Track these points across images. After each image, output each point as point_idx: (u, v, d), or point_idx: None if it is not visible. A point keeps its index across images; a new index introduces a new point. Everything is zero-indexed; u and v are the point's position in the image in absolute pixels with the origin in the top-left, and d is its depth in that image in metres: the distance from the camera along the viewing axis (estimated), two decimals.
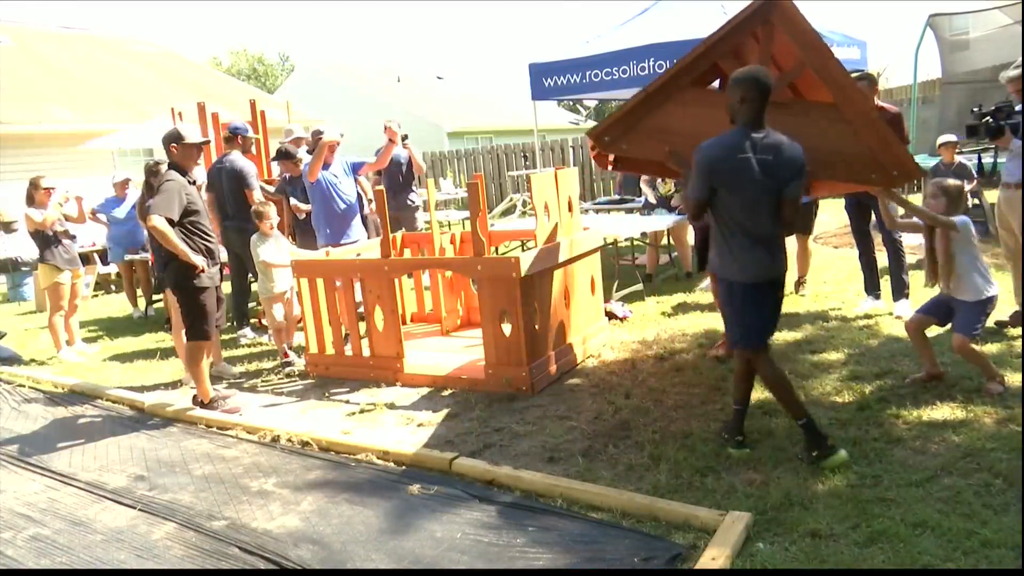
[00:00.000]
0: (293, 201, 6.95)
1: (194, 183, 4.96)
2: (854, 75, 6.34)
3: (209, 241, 5.00)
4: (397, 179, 8.53)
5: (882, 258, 5.89)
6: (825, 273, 7.29)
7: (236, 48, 51.90)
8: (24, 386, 6.25)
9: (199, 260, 4.83)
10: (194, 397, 5.09)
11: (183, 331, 5.17)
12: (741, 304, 3.59)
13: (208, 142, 5.56)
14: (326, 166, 6.63)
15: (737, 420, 3.73)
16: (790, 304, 6.30)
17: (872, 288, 5.95)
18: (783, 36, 3.74)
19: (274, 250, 5.93)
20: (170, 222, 4.70)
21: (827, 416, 3.94)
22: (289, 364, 5.94)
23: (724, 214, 3.51)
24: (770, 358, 3.63)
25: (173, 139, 4.89)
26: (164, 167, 6.45)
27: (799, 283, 6.69)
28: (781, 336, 5.41)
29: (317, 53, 51.66)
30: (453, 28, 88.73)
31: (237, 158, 6.74)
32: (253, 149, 7.44)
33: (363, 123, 25.22)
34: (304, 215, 6.90)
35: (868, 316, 5.73)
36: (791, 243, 6.66)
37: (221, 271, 5.32)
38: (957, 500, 3.01)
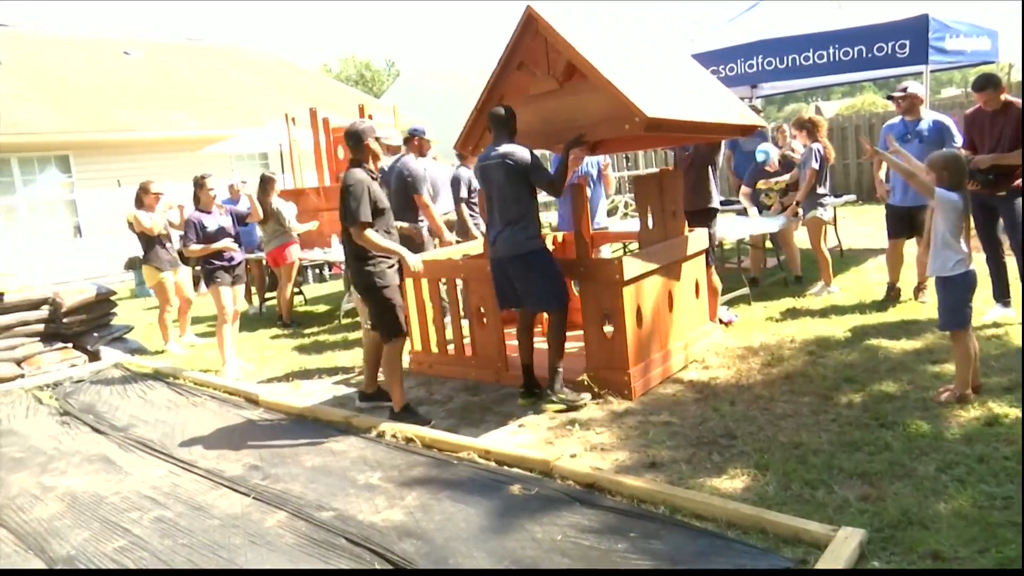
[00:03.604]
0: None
1: (377, 179, 4.75)
2: (980, 70, 5.98)
3: (392, 238, 4.83)
4: None
5: (1011, 263, 5.52)
6: None
7: (345, 55, 53.75)
8: (150, 377, 6.66)
9: (413, 260, 4.67)
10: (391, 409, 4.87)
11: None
12: None
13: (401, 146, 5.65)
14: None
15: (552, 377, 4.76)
16: (910, 311, 5.99)
17: (1001, 295, 5.57)
18: (549, 41, 4.65)
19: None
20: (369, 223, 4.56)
21: (950, 431, 3.71)
22: None
23: None
24: (521, 323, 4.92)
25: (366, 135, 4.67)
26: (210, 180, 6.61)
27: (919, 289, 6.30)
28: (899, 345, 5.15)
29: (420, 57, 52.85)
30: None
31: (410, 160, 6.84)
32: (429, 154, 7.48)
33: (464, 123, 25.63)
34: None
35: (996, 325, 5.35)
36: (911, 246, 6.37)
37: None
38: None
